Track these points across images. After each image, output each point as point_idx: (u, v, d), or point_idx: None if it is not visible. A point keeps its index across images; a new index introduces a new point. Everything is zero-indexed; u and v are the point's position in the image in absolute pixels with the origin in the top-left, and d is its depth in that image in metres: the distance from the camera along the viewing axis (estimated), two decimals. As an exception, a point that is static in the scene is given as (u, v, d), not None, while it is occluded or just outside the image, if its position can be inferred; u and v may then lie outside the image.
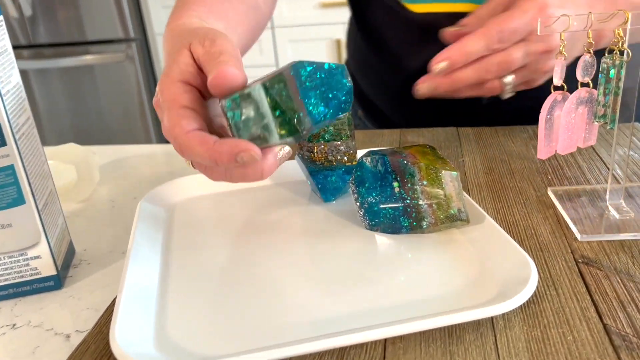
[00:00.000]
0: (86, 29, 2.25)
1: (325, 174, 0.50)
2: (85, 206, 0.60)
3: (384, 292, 0.39)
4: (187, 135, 0.38)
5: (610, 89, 0.43)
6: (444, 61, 0.52)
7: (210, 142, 0.37)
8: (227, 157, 0.36)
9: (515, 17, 0.51)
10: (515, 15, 0.51)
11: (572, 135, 0.44)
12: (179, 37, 0.46)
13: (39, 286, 0.45)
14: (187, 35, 0.44)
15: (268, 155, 0.39)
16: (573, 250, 0.43)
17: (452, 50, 0.51)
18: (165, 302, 0.40)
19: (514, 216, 0.48)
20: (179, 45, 0.44)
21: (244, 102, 0.38)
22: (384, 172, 0.45)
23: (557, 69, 0.43)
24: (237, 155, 0.36)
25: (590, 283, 0.39)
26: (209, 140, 0.37)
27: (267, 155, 0.38)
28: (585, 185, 0.52)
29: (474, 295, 0.38)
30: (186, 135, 0.38)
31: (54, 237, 0.46)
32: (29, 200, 0.43)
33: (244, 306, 0.39)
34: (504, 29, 0.50)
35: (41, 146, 0.48)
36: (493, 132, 0.68)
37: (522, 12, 0.51)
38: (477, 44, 0.51)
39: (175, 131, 0.38)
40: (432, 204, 0.43)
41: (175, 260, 0.46)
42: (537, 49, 0.53)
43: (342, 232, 0.47)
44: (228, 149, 0.36)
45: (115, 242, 0.52)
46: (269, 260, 0.44)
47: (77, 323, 0.41)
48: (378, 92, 0.84)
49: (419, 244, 0.44)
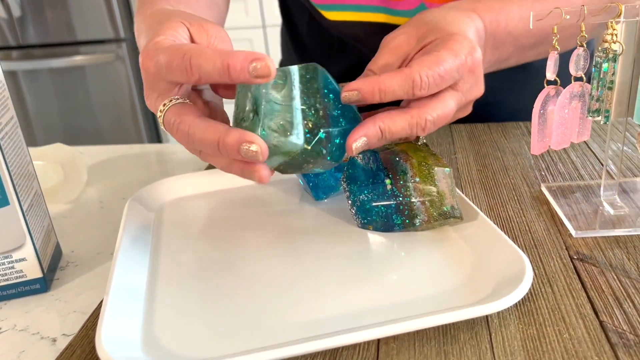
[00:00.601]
0: (76, 29, 2.23)
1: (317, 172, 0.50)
2: (72, 207, 0.59)
3: (376, 292, 0.38)
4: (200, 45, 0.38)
5: (603, 83, 0.42)
6: (355, 91, 0.39)
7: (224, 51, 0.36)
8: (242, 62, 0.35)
9: (444, 61, 0.40)
10: (444, 59, 0.40)
11: (566, 131, 0.44)
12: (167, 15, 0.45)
13: (25, 289, 0.44)
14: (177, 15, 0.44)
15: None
16: (568, 247, 0.42)
17: (365, 82, 0.39)
18: (153, 305, 0.39)
19: (508, 213, 0.48)
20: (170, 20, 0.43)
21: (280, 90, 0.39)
22: (375, 169, 0.44)
23: (550, 63, 0.43)
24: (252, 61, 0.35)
25: (585, 279, 0.39)
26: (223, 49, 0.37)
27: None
28: (579, 181, 0.51)
29: (468, 293, 0.37)
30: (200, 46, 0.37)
31: (40, 239, 0.45)
32: (13, 202, 0.42)
33: (234, 308, 0.38)
34: (430, 74, 0.39)
35: (26, 146, 0.47)
36: (486, 129, 0.67)
37: (452, 55, 0.40)
38: (397, 85, 0.39)
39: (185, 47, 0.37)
40: (425, 201, 0.43)
41: (164, 261, 0.45)
42: (464, 100, 0.43)
43: (334, 231, 0.46)
44: (243, 54, 0.35)
45: (104, 243, 0.51)
46: (260, 261, 0.43)
47: (63, 327, 0.41)
48: None
49: (412, 242, 0.43)
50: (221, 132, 0.37)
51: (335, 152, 0.41)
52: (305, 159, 0.40)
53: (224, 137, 0.36)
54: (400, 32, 0.45)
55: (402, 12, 0.65)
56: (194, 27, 0.43)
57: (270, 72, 0.35)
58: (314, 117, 0.39)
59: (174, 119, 0.39)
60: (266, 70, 0.35)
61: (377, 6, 0.66)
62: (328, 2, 0.68)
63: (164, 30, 0.42)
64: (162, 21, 0.43)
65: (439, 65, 0.40)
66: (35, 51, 2.29)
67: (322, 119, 0.40)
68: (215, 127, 0.37)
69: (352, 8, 0.68)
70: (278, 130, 0.38)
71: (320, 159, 0.40)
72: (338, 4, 0.68)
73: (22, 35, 2.26)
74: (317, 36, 0.77)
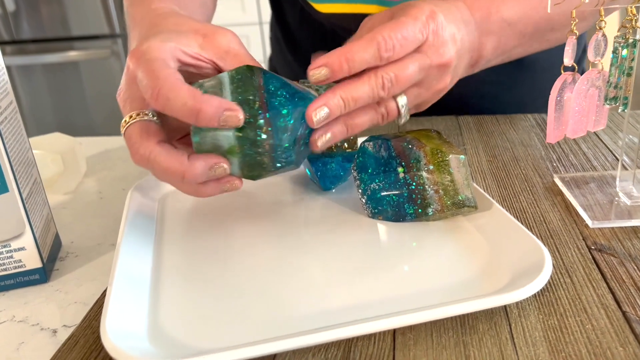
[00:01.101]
0: (71, 24, 2.21)
1: (325, 161, 0.48)
2: (71, 198, 0.58)
3: (389, 282, 0.37)
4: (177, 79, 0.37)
5: (622, 69, 0.41)
6: (322, 67, 0.39)
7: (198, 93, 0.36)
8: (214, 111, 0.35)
9: (405, 24, 0.41)
10: (405, 22, 0.41)
11: (582, 119, 0.43)
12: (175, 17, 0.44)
13: (24, 279, 0.43)
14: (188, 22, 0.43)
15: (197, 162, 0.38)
16: (585, 237, 0.41)
17: (332, 56, 0.39)
18: (158, 294, 0.38)
19: (521, 203, 0.47)
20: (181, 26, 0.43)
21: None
22: (387, 157, 0.43)
23: (567, 48, 0.42)
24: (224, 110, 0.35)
25: (605, 270, 0.37)
26: (197, 92, 0.36)
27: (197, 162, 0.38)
28: (593, 172, 0.50)
29: (485, 283, 0.36)
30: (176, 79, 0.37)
31: (39, 228, 0.43)
32: (12, 189, 0.40)
33: (243, 297, 0.37)
34: (393, 35, 0.40)
35: (25, 132, 0.45)
36: (494, 121, 0.66)
37: (412, 18, 0.41)
38: (363, 51, 0.39)
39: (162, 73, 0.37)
40: (439, 189, 0.41)
41: (169, 250, 0.43)
42: (433, 62, 0.43)
43: (343, 221, 0.45)
44: (218, 100, 0.36)
45: (104, 234, 0.50)
46: (267, 251, 0.42)
47: (64, 318, 0.39)
48: None
49: (425, 232, 0.42)
50: (185, 165, 0.37)
51: (290, 138, 0.39)
52: (255, 150, 0.38)
53: (189, 169, 0.37)
54: (377, 14, 0.46)
55: (394, 2, 0.64)
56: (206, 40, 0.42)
57: (239, 123, 0.36)
58: (246, 108, 0.38)
59: (135, 139, 0.38)
60: (236, 122, 0.36)
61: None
62: None
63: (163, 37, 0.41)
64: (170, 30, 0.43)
65: (400, 27, 0.40)
66: (29, 46, 2.27)
67: (258, 109, 0.38)
68: (178, 159, 0.37)
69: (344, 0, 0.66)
70: (210, 129, 0.38)
71: (270, 147, 0.38)
72: None
73: (16, 30, 2.23)
74: (309, 29, 0.75)
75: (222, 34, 0.42)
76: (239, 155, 0.39)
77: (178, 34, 0.41)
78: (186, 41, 0.41)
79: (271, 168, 0.40)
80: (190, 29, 0.42)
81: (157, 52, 0.39)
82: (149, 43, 0.39)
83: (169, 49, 0.40)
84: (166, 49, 0.40)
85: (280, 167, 0.40)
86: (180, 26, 0.43)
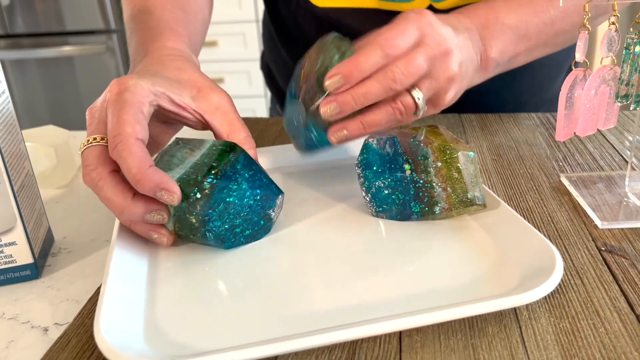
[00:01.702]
0: (65, 19, 2.18)
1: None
2: (65, 192, 0.56)
3: (396, 283, 0.36)
4: (136, 140, 0.38)
5: (635, 66, 0.40)
6: (336, 75, 0.41)
7: (147, 165, 0.38)
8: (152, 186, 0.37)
9: (398, 23, 0.44)
10: (397, 22, 0.44)
11: (593, 116, 0.42)
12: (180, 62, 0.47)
13: (14, 275, 0.41)
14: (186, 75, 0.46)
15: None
16: (594, 238, 0.40)
17: (342, 65, 0.42)
18: (154, 292, 0.37)
19: (528, 203, 0.46)
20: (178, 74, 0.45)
21: None
22: (393, 154, 0.41)
23: (579, 43, 0.40)
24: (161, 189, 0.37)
25: (616, 272, 0.36)
26: (147, 162, 0.38)
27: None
28: (600, 172, 0.49)
29: (495, 284, 0.35)
30: (136, 140, 0.38)
31: (31, 223, 0.42)
32: (3, 181, 0.39)
33: (242, 297, 0.36)
34: (390, 35, 0.43)
35: (17, 123, 0.43)
36: (497, 119, 0.65)
37: (402, 19, 0.44)
38: (368, 55, 0.42)
39: (127, 129, 0.38)
40: (447, 187, 0.40)
41: (165, 247, 0.42)
42: (435, 52, 0.44)
43: (346, 219, 0.44)
44: (159, 177, 0.37)
45: (98, 229, 0.48)
46: (268, 249, 0.41)
47: (55, 315, 0.38)
48: None
49: (431, 231, 0.41)
50: (128, 202, 0.39)
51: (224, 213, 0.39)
52: (187, 207, 0.39)
53: (130, 207, 0.39)
54: None
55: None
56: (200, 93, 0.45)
57: (173, 202, 0.38)
58: (204, 170, 0.39)
59: (90, 161, 0.40)
60: (170, 200, 0.38)
61: None
62: None
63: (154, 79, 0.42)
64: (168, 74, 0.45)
65: (394, 26, 0.44)
66: (23, 40, 2.25)
67: (213, 173, 0.39)
68: (123, 194, 0.39)
69: None
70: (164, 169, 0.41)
71: (201, 209, 0.38)
72: None
73: (11, 24, 2.21)
74: (305, 24, 0.74)
75: (216, 91, 0.45)
76: (173, 207, 0.40)
77: (173, 81, 0.44)
78: (179, 91, 0.43)
79: (198, 233, 0.39)
80: (189, 80, 0.45)
81: (138, 96, 0.40)
82: (137, 81, 0.41)
83: (154, 93, 0.42)
84: (150, 92, 0.41)
85: (207, 237, 0.39)
86: (182, 73, 0.45)
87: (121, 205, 0.39)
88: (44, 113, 2.34)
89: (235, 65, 2.25)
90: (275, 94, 0.86)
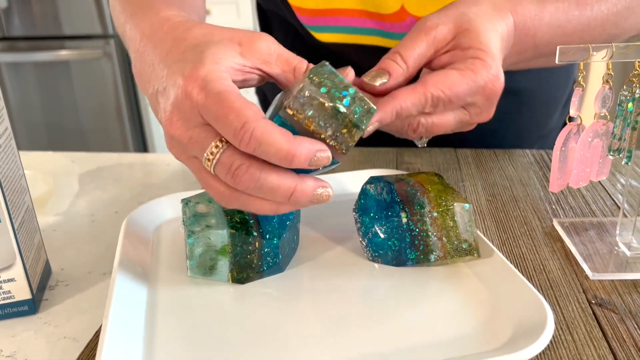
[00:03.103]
0: (63, 23, 2.18)
1: None
2: (62, 219, 0.57)
3: (388, 335, 0.36)
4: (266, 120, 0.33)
5: (627, 122, 0.41)
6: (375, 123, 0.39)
7: (291, 136, 0.33)
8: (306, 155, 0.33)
9: (464, 84, 0.40)
10: (464, 82, 0.40)
11: (586, 169, 0.43)
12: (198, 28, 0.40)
13: (12, 311, 0.42)
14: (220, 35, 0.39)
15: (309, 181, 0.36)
16: (585, 290, 0.41)
17: (383, 111, 0.39)
18: (153, 337, 0.37)
19: (521, 249, 0.46)
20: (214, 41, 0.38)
21: None
22: (390, 201, 0.42)
23: (574, 99, 0.41)
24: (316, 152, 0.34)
25: (606, 327, 0.37)
26: (289, 134, 0.33)
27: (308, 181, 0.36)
28: (592, 218, 0.50)
29: (487, 338, 0.36)
30: (266, 121, 0.33)
31: (30, 258, 0.42)
32: (4, 219, 0.39)
33: (241, 339, 0.36)
34: (447, 95, 0.40)
35: (19, 158, 0.44)
36: (492, 155, 0.66)
37: (473, 78, 0.40)
38: (411, 106, 0.39)
39: (249, 113, 0.33)
40: (442, 237, 0.41)
41: (164, 288, 0.42)
42: (474, 120, 0.43)
43: (340, 264, 0.44)
44: (307, 142, 0.33)
45: (95, 261, 0.49)
46: (264, 290, 0.41)
47: (53, 354, 0.38)
48: None
49: (425, 279, 0.42)
50: (295, 177, 0.35)
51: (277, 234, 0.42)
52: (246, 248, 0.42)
53: (301, 184, 0.35)
54: (440, 21, 0.43)
55: (396, 34, 0.64)
56: (244, 47, 0.38)
57: (329, 160, 0.34)
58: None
59: (236, 162, 0.34)
60: (326, 161, 0.34)
61: (370, 29, 0.64)
62: (320, 23, 0.66)
63: (213, 55, 0.36)
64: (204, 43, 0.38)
65: (453, 89, 0.40)
66: (20, 43, 2.24)
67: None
68: (290, 173, 0.35)
69: (345, 30, 0.66)
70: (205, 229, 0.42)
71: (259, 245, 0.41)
72: (330, 25, 0.66)
73: (7, 27, 2.21)
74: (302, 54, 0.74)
75: (258, 38, 0.39)
76: (230, 255, 0.41)
77: (217, 47, 0.37)
78: (229, 53, 0.37)
79: (259, 269, 0.42)
80: (224, 38, 0.38)
81: (223, 80, 0.35)
82: (206, 67, 0.35)
83: (226, 70, 0.36)
84: (225, 72, 0.36)
85: (266, 270, 0.42)
86: (212, 36, 0.38)
87: (290, 187, 0.35)
88: (39, 116, 2.33)
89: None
90: None
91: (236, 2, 2.14)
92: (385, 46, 0.65)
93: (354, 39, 0.65)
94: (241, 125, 0.33)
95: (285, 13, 0.69)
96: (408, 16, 0.61)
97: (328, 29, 0.66)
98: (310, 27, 0.67)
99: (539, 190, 0.56)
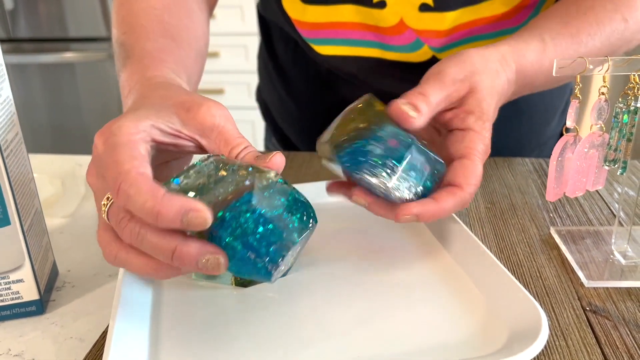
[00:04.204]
0: (68, 25, 2.20)
1: None
2: (69, 222, 0.58)
3: (386, 339, 0.37)
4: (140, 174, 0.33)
5: (622, 134, 0.42)
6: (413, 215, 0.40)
7: (160, 193, 0.32)
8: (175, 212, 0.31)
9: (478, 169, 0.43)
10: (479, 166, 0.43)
11: (582, 179, 0.44)
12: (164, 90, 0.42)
13: (20, 311, 0.43)
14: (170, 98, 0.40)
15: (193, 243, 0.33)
16: (580, 297, 0.42)
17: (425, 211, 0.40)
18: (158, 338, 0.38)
19: (518, 256, 0.47)
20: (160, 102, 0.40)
21: None
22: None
23: (571, 111, 0.42)
24: (187, 212, 0.31)
25: (599, 334, 0.38)
26: (159, 190, 0.32)
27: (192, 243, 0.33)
28: (589, 227, 0.51)
29: (482, 343, 0.37)
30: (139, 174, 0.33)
31: (38, 260, 0.43)
32: (14, 221, 0.41)
33: (244, 341, 0.37)
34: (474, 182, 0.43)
35: (29, 162, 0.45)
36: (492, 163, 0.67)
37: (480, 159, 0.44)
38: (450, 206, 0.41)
39: (125, 167, 0.33)
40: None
41: (169, 290, 0.43)
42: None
43: (342, 269, 0.45)
44: (179, 200, 0.31)
45: (101, 263, 0.50)
46: (264, 296, 0.42)
47: (60, 354, 0.39)
48: (287, 124, 0.82)
49: (423, 285, 0.43)
50: (179, 239, 0.33)
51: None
52: None
53: (182, 245, 0.33)
54: (450, 66, 0.45)
55: (396, 47, 0.64)
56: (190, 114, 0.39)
57: (206, 223, 0.31)
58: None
59: (122, 214, 0.34)
60: (202, 223, 0.31)
61: (371, 41, 0.65)
62: (320, 36, 0.67)
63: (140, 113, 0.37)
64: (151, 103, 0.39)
65: (476, 173, 0.43)
66: (25, 45, 2.26)
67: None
68: (170, 234, 0.33)
69: (346, 43, 0.66)
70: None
71: None
72: (331, 38, 0.67)
73: (13, 28, 2.22)
74: (302, 66, 0.74)
75: (207, 107, 0.38)
76: None
77: (159, 110, 0.38)
78: (167, 117, 0.38)
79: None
80: (175, 103, 0.39)
81: (127, 135, 0.35)
82: (120, 122, 0.36)
83: (144, 128, 0.36)
84: (139, 129, 0.36)
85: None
86: (166, 99, 0.40)
87: (170, 246, 0.33)
88: (43, 117, 2.35)
89: (236, 77, 2.26)
90: (271, 128, 0.86)
91: (241, 6, 2.16)
92: (385, 58, 0.66)
93: (354, 51, 0.66)
94: (113, 178, 0.33)
95: (285, 25, 0.70)
96: (407, 29, 0.62)
97: (328, 41, 0.67)
98: (310, 40, 0.68)
99: (537, 199, 0.58)
